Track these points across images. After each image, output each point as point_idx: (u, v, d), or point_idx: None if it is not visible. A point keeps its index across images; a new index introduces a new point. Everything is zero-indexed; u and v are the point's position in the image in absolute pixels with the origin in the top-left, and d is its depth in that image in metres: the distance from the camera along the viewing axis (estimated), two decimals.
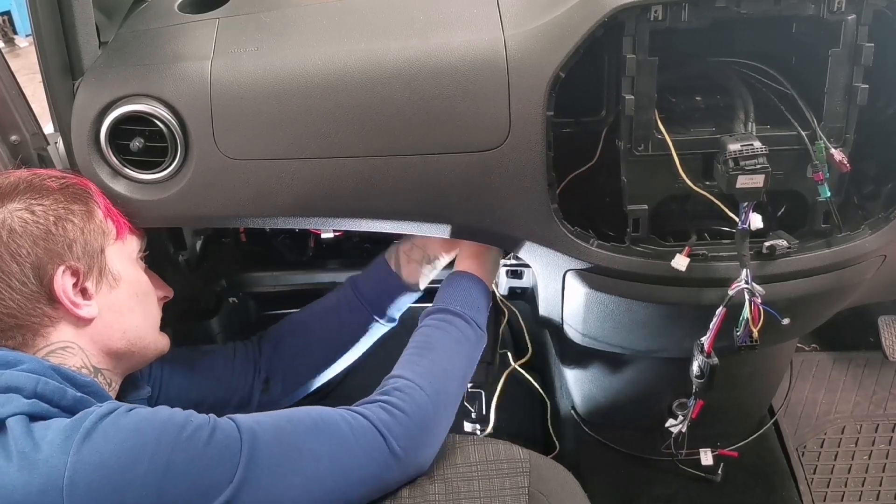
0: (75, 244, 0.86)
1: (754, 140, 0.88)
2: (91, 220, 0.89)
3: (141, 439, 0.73)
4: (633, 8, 0.87)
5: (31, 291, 0.82)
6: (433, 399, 0.90)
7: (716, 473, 1.42)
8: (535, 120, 0.91)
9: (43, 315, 0.83)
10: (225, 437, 0.77)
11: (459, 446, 0.96)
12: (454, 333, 0.99)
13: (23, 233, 0.83)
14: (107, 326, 0.87)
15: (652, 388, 1.36)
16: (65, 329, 0.84)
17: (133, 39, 1.06)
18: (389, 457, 0.84)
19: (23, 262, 0.82)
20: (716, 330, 0.93)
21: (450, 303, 1.03)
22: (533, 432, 1.68)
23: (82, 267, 0.86)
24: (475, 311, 1.03)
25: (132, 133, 0.96)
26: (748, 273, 0.88)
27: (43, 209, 0.85)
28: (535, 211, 0.95)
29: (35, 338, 0.83)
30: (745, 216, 0.88)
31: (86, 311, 0.85)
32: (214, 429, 0.77)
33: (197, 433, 0.75)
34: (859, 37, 0.88)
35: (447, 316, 1.01)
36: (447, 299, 1.04)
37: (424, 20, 0.99)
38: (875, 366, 1.69)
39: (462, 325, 1.00)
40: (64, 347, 0.84)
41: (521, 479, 0.93)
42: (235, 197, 0.98)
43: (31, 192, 0.87)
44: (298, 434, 0.81)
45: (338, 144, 0.95)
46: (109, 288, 0.89)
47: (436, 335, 0.99)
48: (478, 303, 1.05)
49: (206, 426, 0.77)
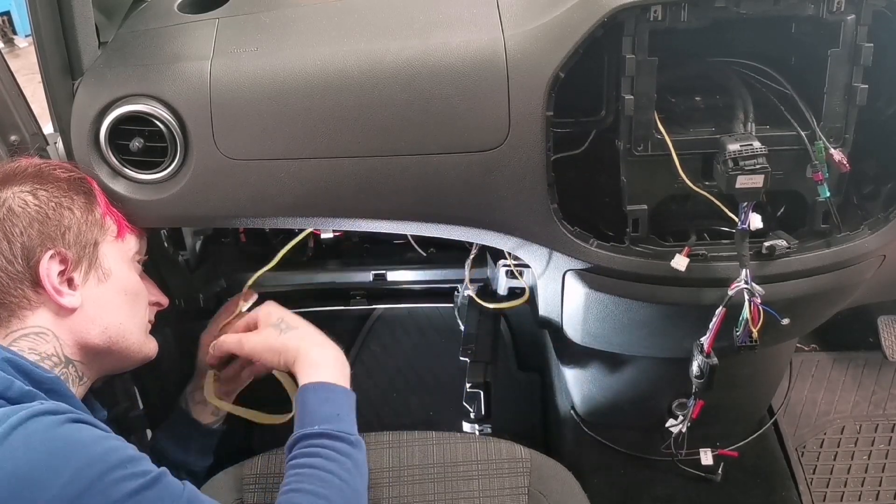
0: (69, 232, 0.86)
1: (754, 140, 0.88)
2: (91, 213, 0.90)
3: (64, 460, 0.65)
4: (632, 8, 0.86)
5: (15, 271, 0.82)
6: None
7: (716, 473, 1.42)
8: (535, 120, 0.90)
9: (23, 297, 0.83)
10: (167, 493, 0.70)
11: (460, 446, 0.96)
12: (332, 460, 0.86)
13: (21, 213, 0.84)
14: (88, 320, 0.87)
15: (652, 389, 1.36)
16: (44, 315, 0.84)
17: (133, 39, 1.06)
18: None
19: (13, 241, 0.83)
20: (715, 330, 0.93)
21: (307, 425, 0.90)
22: (533, 432, 1.68)
23: (72, 255, 0.85)
24: (337, 421, 0.91)
25: (132, 133, 0.96)
26: (748, 273, 0.88)
27: (46, 194, 0.86)
28: (534, 211, 0.95)
29: (10, 318, 0.83)
30: (745, 216, 0.88)
31: (67, 301, 0.84)
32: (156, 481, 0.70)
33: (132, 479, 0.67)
34: (859, 37, 0.88)
35: (313, 440, 0.88)
36: (304, 420, 0.91)
37: (424, 20, 0.99)
38: (875, 366, 1.69)
39: (333, 445, 0.88)
40: (38, 333, 0.83)
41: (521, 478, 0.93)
42: (235, 197, 0.98)
43: (38, 177, 0.88)
44: None
45: (337, 145, 0.95)
46: (97, 282, 0.88)
47: (317, 474, 0.85)
48: (336, 410, 0.92)
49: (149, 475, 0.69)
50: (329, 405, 0.92)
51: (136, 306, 0.94)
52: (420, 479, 0.92)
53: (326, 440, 0.87)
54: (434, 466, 0.93)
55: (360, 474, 0.88)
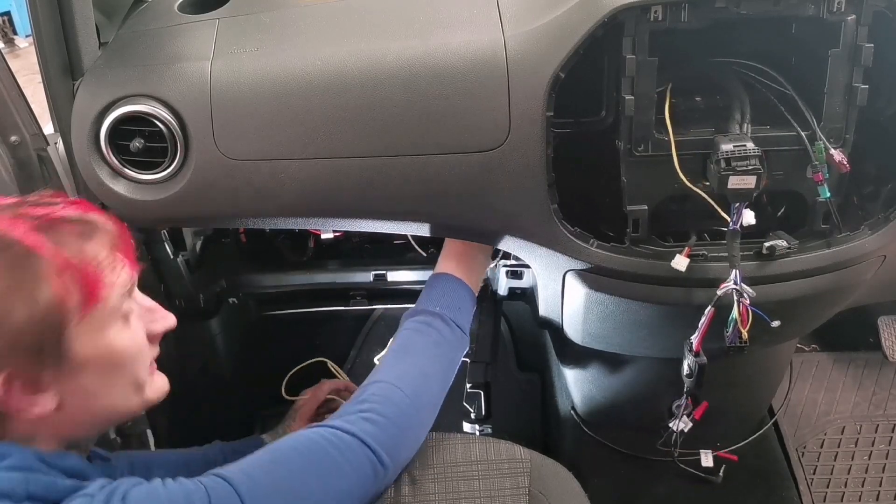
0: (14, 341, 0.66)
1: (748, 141, 0.88)
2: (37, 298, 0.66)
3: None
4: (632, 8, 0.86)
5: None
6: (413, 401, 0.89)
7: (716, 475, 1.42)
8: (535, 120, 0.90)
9: None
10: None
11: (460, 446, 0.96)
12: (433, 336, 0.97)
13: None
14: (70, 415, 0.71)
15: (652, 389, 1.36)
16: (21, 424, 0.70)
17: (133, 40, 1.06)
18: (379, 468, 0.82)
19: None
20: (704, 329, 0.93)
21: (429, 304, 1.01)
22: (533, 432, 1.69)
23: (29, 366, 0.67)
24: (455, 311, 1.01)
25: (132, 133, 0.96)
26: (738, 273, 0.88)
27: None
28: (535, 211, 0.95)
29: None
30: (737, 217, 0.88)
31: (39, 409, 0.69)
32: (208, 495, 0.70)
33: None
34: (859, 37, 0.88)
35: (426, 318, 0.99)
36: (426, 300, 1.02)
37: (424, 20, 0.99)
38: (875, 366, 1.69)
39: (441, 327, 0.98)
40: (26, 440, 0.70)
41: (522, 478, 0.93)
42: (235, 197, 0.98)
43: None
44: (291, 474, 0.76)
45: (338, 145, 0.95)
46: (72, 373, 0.70)
47: (414, 338, 0.97)
48: (458, 303, 1.03)
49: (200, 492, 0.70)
50: (454, 296, 1.03)
51: (130, 372, 0.76)
52: (420, 480, 0.92)
53: (439, 322, 0.98)
54: (434, 467, 0.93)
55: (449, 360, 0.98)
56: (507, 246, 1.05)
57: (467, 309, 1.05)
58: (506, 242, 1.04)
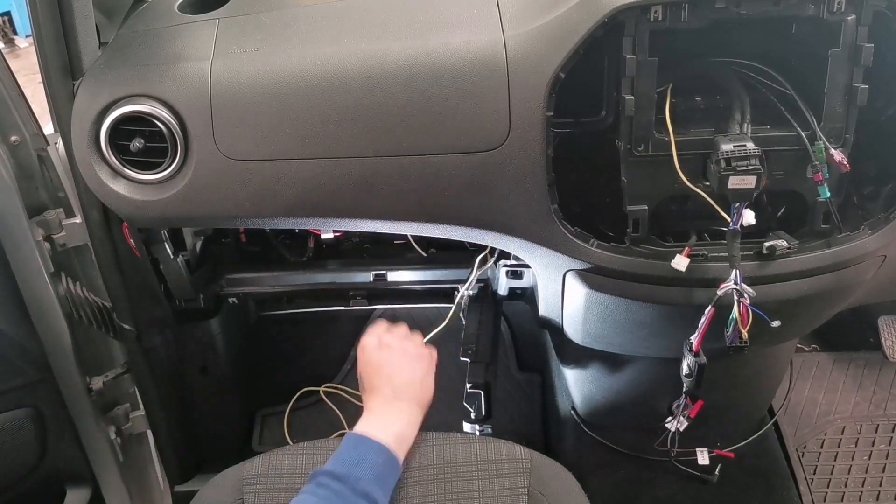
0: None
1: (748, 141, 0.88)
2: None
3: None
4: (632, 8, 0.86)
5: None
6: None
7: (712, 474, 1.42)
8: (536, 120, 0.91)
9: None
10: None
11: (460, 446, 0.96)
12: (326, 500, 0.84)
13: None
14: None
15: (652, 389, 1.36)
16: None
17: (133, 40, 1.06)
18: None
19: None
20: (703, 329, 0.93)
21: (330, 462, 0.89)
22: (533, 432, 1.69)
23: None
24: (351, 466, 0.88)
25: (132, 133, 0.96)
26: (738, 273, 0.88)
27: None
28: (535, 211, 0.95)
29: None
30: (737, 217, 0.88)
31: None
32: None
33: None
34: (859, 37, 0.88)
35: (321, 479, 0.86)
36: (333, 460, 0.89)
37: (424, 20, 0.99)
38: (875, 366, 1.69)
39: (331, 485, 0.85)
40: None
41: (521, 478, 0.93)
42: (235, 197, 0.98)
43: None
44: None
45: (338, 145, 0.95)
46: None
47: None
48: (358, 457, 0.89)
49: None
50: (356, 452, 0.89)
51: None
52: (420, 480, 0.92)
53: (332, 480, 0.85)
54: (434, 467, 0.93)
55: None
56: (507, 246, 1.05)
57: (372, 460, 0.90)
58: (506, 242, 1.04)
